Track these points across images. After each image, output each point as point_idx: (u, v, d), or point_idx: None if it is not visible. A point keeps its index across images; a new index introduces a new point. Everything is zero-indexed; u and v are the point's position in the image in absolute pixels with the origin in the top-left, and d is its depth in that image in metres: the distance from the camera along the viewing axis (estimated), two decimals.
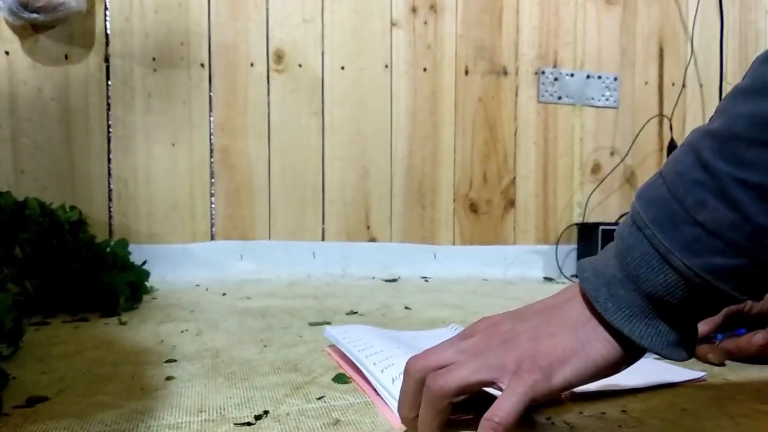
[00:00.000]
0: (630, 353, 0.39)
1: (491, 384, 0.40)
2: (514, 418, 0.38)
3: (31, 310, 0.91)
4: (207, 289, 1.16)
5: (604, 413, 0.50)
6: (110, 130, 1.28)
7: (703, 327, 0.65)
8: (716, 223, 0.34)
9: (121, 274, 1.01)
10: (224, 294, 1.11)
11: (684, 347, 0.39)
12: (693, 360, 0.66)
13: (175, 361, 0.66)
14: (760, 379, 0.62)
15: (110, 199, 1.29)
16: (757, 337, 0.64)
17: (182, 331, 0.81)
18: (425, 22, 1.43)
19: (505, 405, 0.38)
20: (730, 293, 0.36)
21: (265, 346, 0.73)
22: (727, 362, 0.66)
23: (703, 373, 0.61)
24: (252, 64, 1.35)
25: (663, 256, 0.36)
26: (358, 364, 0.58)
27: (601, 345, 0.39)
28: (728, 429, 0.47)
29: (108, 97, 1.28)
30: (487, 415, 0.39)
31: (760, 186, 0.33)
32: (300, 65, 1.37)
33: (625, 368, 0.40)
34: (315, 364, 0.65)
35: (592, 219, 1.53)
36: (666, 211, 0.36)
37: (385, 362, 0.55)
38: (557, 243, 1.51)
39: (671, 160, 0.38)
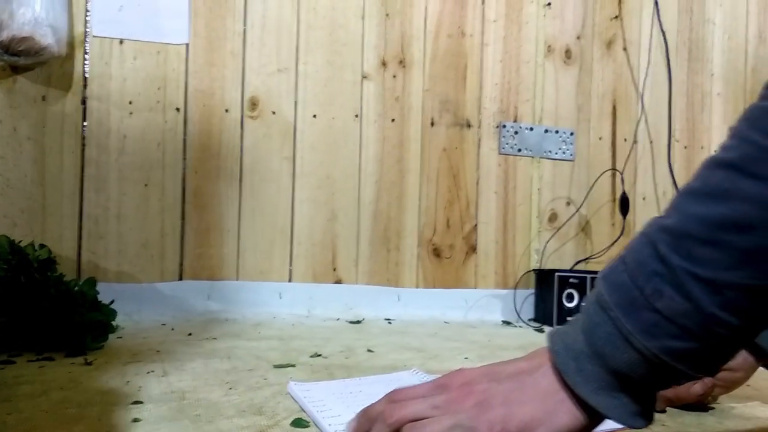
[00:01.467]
0: (593, 421, 0.44)
1: None
2: None
3: None
4: (173, 329, 1.17)
5: None
6: (84, 169, 1.30)
7: None
8: (672, 311, 0.39)
9: (88, 314, 1.01)
10: (190, 334, 1.12)
11: (644, 416, 0.43)
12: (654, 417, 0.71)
13: (141, 402, 0.68)
14: (696, 425, 0.66)
15: (80, 237, 1.30)
16: (695, 387, 0.68)
17: (148, 372, 0.82)
18: (394, 76, 1.50)
19: None
20: (685, 371, 0.40)
21: (231, 388, 0.75)
22: (667, 409, 0.70)
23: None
24: (227, 110, 1.39)
25: (626, 338, 0.40)
26: (316, 424, 0.61)
27: (566, 416, 0.43)
28: None
29: (83, 138, 1.30)
30: None
31: (710, 280, 0.38)
32: (273, 112, 1.42)
33: None
34: (279, 407, 0.67)
35: (548, 265, 1.60)
36: (628, 296, 0.40)
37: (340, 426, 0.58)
38: (515, 288, 1.57)
39: (631, 249, 0.42)
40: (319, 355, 0.97)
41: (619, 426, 0.65)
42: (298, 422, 0.62)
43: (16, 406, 0.65)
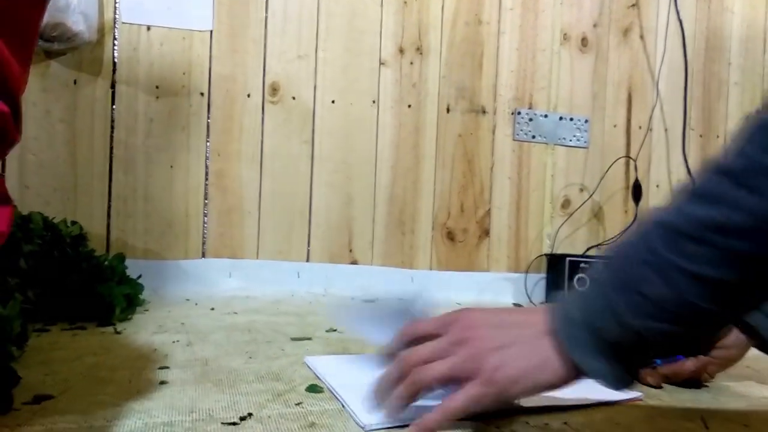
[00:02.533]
0: (570, 380, 0.50)
1: (459, 381, 0.50)
2: (463, 411, 0.49)
3: (32, 317, 0.94)
4: (196, 304, 1.20)
5: (547, 424, 0.57)
6: (113, 151, 1.35)
7: None
8: (656, 297, 0.44)
9: (117, 287, 1.05)
10: (213, 309, 1.15)
11: (624, 381, 0.49)
12: (634, 382, 0.74)
13: (167, 368, 0.71)
14: (691, 400, 0.69)
15: (109, 216, 1.35)
16: (689, 364, 0.72)
17: (173, 342, 0.85)
18: (411, 63, 1.53)
19: (461, 399, 0.49)
20: (663, 349, 0.47)
21: (251, 357, 0.78)
22: (664, 385, 0.72)
23: (640, 393, 0.67)
24: (248, 95, 1.43)
25: (614, 314, 0.46)
26: (330, 390, 0.65)
27: (549, 375, 0.49)
28: None
29: (112, 121, 1.35)
30: (446, 400, 0.50)
31: (694, 274, 0.43)
32: (293, 98, 1.46)
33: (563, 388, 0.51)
34: (295, 374, 0.70)
35: (560, 250, 1.62)
36: (621, 278, 0.46)
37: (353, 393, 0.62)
38: (527, 271, 1.59)
39: (630, 236, 0.48)
40: (335, 330, 1.00)
41: (636, 395, 0.69)
42: (312, 388, 0.65)
43: (52, 368, 0.69)
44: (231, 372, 0.71)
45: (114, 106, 1.35)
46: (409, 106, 1.52)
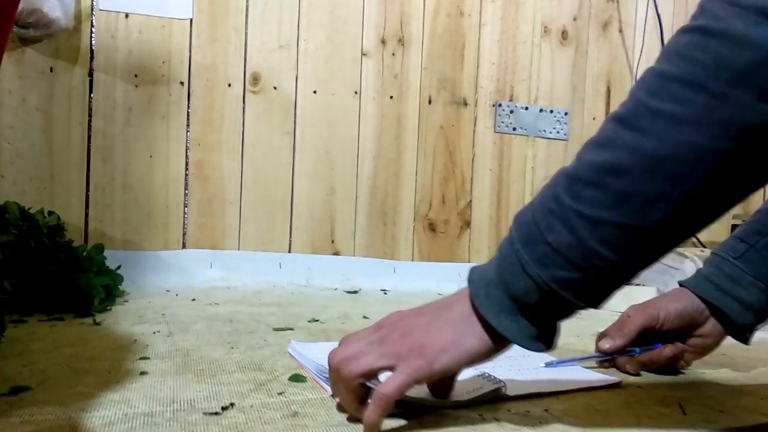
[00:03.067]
0: (498, 344, 0.49)
1: (390, 369, 0.50)
2: (397, 392, 0.48)
3: (9, 308, 0.93)
4: (177, 295, 1.19)
5: (528, 411, 0.58)
6: (90, 140, 1.33)
7: (621, 341, 0.73)
8: (559, 244, 0.45)
9: (96, 277, 1.04)
10: (194, 299, 1.14)
11: (542, 341, 0.49)
12: (614, 370, 0.74)
13: (148, 358, 0.71)
14: (668, 387, 0.70)
15: (87, 206, 1.33)
16: (666, 351, 0.73)
17: (154, 332, 0.85)
18: (393, 54, 1.52)
19: (392, 382, 0.48)
20: (571, 300, 0.46)
21: (232, 347, 0.78)
22: (643, 373, 0.74)
23: (618, 379, 0.69)
24: (229, 85, 1.41)
25: (523, 267, 0.46)
26: (314, 379, 0.65)
27: (474, 339, 0.49)
28: (632, 427, 0.55)
29: (90, 109, 1.32)
30: (377, 388, 0.49)
31: (591, 218, 0.43)
32: (275, 87, 1.45)
33: (495, 357, 0.50)
34: (278, 364, 0.70)
35: None
36: (528, 231, 0.46)
37: None
38: None
39: (539, 191, 0.48)
40: (317, 321, 1.00)
41: (614, 380, 0.69)
42: (295, 377, 0.66)
43: (29, 359, 0.68)
44: (212, 362, 0.71)
45: (92, 95, 1.33)
46: (391, 97, 1.52)
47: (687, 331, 0.73)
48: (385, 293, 1.43)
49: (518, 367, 0.71)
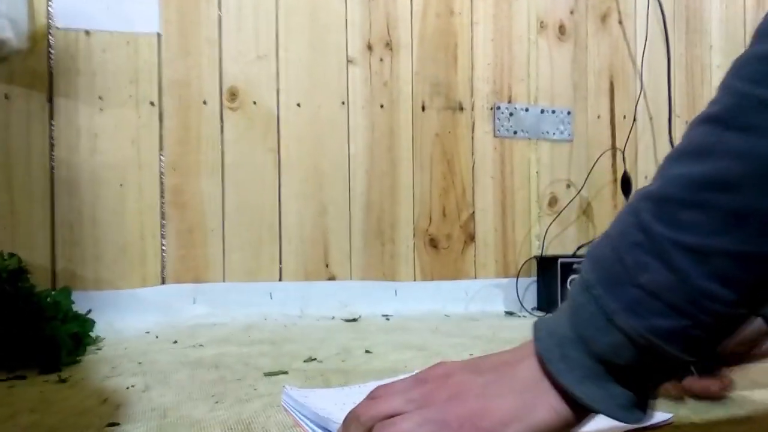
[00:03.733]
0: (580, 415, 0.39)
1: None
2: None
3: None
4: (157, 337, 1.11)
5: None
6: (54, 172, 1.23)
7: None
8: (656, 285, 0.35)
9: (63, 326, 0.96)
10: (175, 342, 1.06)
11: (638, 409, 0.38)
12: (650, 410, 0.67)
13: (117, 424, 0.62)
14: (728, 423, 0.61)
15: (54, 244, 1.23)
16: (713, 387, 0.66)
17: (128, 387, 0.76)
18: (381, 60, 1.43)
19: None
20: (675, 354, 0.36)
21: (217, 402, 0.70)
22: (688, 400, 0.66)
23: (670, 415, 0.61)
24: (205, 102, 1.32)
25: (609, 317, 0.36)
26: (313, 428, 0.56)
27: (545, 412, 0.39)
28: None
29: (51, 138, 1.23)
30: None
31: (697, 248, 0.34)
32: (254, 102, 1.35)
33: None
34: (270, 422, 0.61)
35: (550, 252, 1.54)
36: (610, 271, 0.37)
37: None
38: (517, 276, 1.51)
39: (616, 220, 0.39)
40: (314, 359, 0.92)
41: (666, 416, 0.61)
42: None
43: None
44: (193, 425, 0.62)
45: (52, 122, 1.23)
46: (382, 105, 1.44)
47: (746, 351, 0.65)
48: (388, 319, 1.34)
49: None
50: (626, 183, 1.57)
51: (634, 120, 1.63)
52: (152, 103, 1.29)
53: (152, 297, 1.27)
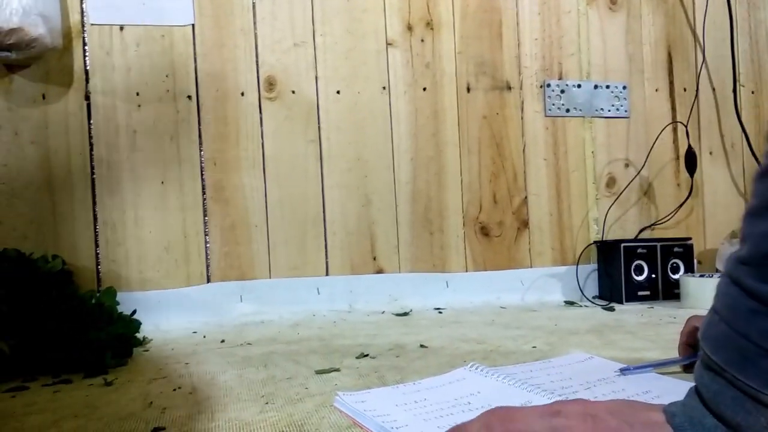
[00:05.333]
0: None
1: None
2: None
3: (8, 373, 0.83)
4: (204, 337, 1.08)
5: None
6: (94, 171, 1.21)
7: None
8: None
9: (107, 328, 0.94)
10: (223, 341, 1.03)
11: None
12: None
13: (163, 429, 0.59)
14: None
15: (97, 245, 1.21)
16: None
17: (174, 390, 0.73)
18: (422, 40, 1.37)
19: None
20: None
21: (267, 402, 0.66)
22: None
23: None
24: (242, 93, 1.28)
25: (754, 397, 0.34)
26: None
27: None
28: None
29: (90, 137, 1.21)
30: None
31: None
32: (293, 91, 1.31)
33: None
34: (323, 423, 0.57)
35: (610, 236, 1.45)
36: (735, 348, 0.35)
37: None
38: (577, 263, 1.42)
39: (718, 294, 0.38)
40: (366, 356, 0.87)
41: None
42: None
43: None
44: (242, 428, 0.58)
45: (91, 121, 1.22)
46: (425, 89, 1.37)
47: None
48: (440, 312, 1.28)
49: (587, 378, 0.66)
50: (691, 159, 1.46)
51: (696, 92, 1.52)
52: (189, 97, 1.26)
53: (198, 296, 1.24)
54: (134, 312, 1.04)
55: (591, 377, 0.66)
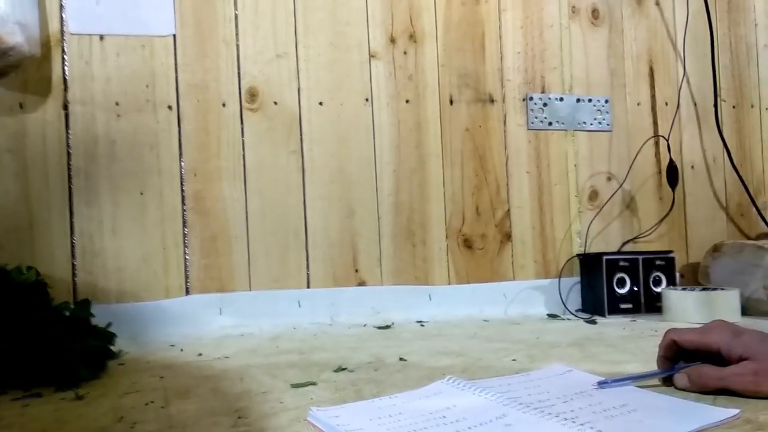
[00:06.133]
0: None
1: None
2: None
3: None
4: (182, 350, 1.06)
5: None
6: (71, 181, 1.19)
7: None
8: None
9: (81, 340, 0.91)
10: (200, 354, 1.01)
11: None
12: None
13: None
14: None
15: (74, 256, 1.19)
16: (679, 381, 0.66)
17: (146, 404, 0.72)
18: (405, 53, 1.37)
19: None
20: None
21: (240, 417, 0.64)
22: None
23: (737, 410, 0.57)
24: (224, 104, 1.27)
25: None
26: None
27: None
28: None
29: (68, 147, 1.19)
30: None
31: None
32: (275, 103, 1.30)
33: None
34: None
35: (593, 249, 1.45)
36: None
37: None
38: (559, 276, 1.42)
39: None
40: (344, 369, 0.86)
41: (734, 412, 0.56)
42: None
43: None
44: None
45: (69, 130, 1.20)
46: (407, 101, 1.37)
47: None
48: (422, 325, 1.27)
49: (565, 391, 0.65)
50: (673, 172, 1.47)
51: (678, 107, 1.53)
52: (170, 107, 1.24)
53: (177, 308, 1.22)
54: (109, 324, 1.02)
55: (569, 390, 0.65)
